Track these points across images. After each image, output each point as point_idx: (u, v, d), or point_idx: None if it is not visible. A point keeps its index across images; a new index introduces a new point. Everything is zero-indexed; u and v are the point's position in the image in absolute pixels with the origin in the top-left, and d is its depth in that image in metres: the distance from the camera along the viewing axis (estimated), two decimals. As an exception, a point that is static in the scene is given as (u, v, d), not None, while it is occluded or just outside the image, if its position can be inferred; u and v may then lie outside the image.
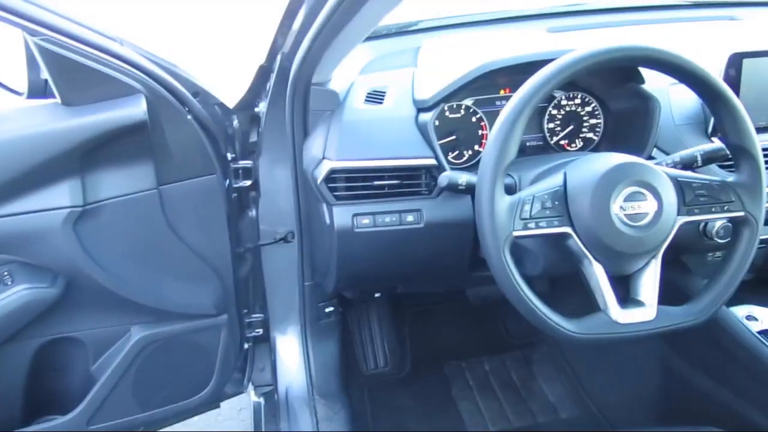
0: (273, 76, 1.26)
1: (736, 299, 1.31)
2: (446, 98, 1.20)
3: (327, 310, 1.55)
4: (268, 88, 1.31)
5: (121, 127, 1.12)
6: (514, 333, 2.01)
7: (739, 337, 1.26)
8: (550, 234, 0.96)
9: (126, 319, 1.33)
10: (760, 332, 1.25)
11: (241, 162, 1.40)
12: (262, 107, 1.36)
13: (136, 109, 1.11)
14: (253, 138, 1.43)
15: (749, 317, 1.30)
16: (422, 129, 1.19)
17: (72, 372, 1.35)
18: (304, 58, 1.10)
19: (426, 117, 1.19)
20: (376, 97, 1.25)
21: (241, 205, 1.46)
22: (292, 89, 1.19)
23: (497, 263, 0.93)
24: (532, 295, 0.95)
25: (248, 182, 1.41)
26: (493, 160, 0.93)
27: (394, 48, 1.44)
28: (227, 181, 1.37)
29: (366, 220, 1.18)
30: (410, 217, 1.18)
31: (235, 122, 1.41)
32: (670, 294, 1.08)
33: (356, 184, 1.17)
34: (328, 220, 1.19)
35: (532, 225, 0.94)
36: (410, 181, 1.18)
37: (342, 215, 1.18)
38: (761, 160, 1.00)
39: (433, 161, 1.17)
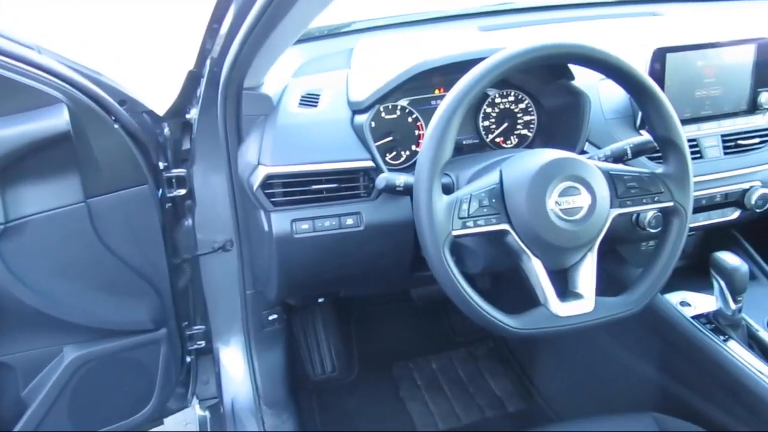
0: (203, 82, 1.23)
1: (670, 286, 1.35)
2: (381, 99, 1.20)
3: (270, 318, 1.52)
4: (198, 94, 1.28)
5: (42, 139, 1.07)
6: (459, 330, 2.03)
7: (674, 322, 1.30)
8: (489, 231, 0.96)
9: (58, 340, 1.27)
10: (693, 317, 1.29)
11: (174, 170, 1.36)
12: (193, 114, 1.32)
13: (57, 120, 1.07)
14: (186, 145, 1.39)
15: (683, 303, 1.34)
16: (358, 131, 1.18)
17: (1, 398, 1.29)
18: (234, 62, 1.07)
19: (361, 119, 1.19)
20: (310, 100, 1.23)
21: (176, 215, 1.42)
22: (223, 94, 1.16)
23: (437, 263, 0.93)
24: (474, 293, 0.95)
25: (183, 191, 1.37)
26: (429, 161, 0.92)
27: (327, 50, 1.43)
28: (160, 191, 1.33)
29: (305, 226, 1.16)
30: (350, 221, 1.17)
31: (166, 130, 1.37)
32: (607, 284, 1.10)
33: (293, 189, 1.15)
34: (266, 227, 1.17)
35: (470, 224, 0.94)
36: (348, 184, 1.17)
37: (280, 221, 1.15)
38: (687, 151, 1.04)
39: (370, 163, 1.16)
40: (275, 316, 1.52)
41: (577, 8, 1.69)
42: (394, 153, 1.28)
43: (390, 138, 1.27)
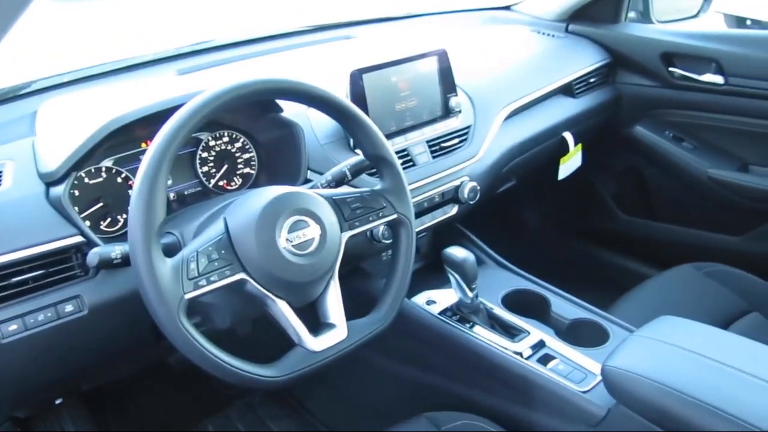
0: None
1: (415, 289, 1.43)
2: (78, 165, 1.07)
3: (0, 437, 1.28)
4: None
5: None
6: (229, 384, 1.92)
7: (424, 322, 1.37)
8: (225, 285, 0.91)
9: None
10: (440, 313, 1.38)
11: None
12: None
13: None
14: None
15: (429, 302, 1.41)
16: (56, 205, 1.03)
17: None
18: None
19: (58, 190, 1.04)
20: None
21: None
22: None
23: (174, 332, 0.86)
24: (223, 354, 0.89)
25: None
26: (141, 226, 0.84)
27: (3, 118, 1.24)
28: None
29: (13, 326, 0.98)
30: (69, 307, 1.02)
31: None
32: (360, 302, 1.11)
33: (-11, 287, 0.97)
34: (-40, 339, 0.97)
35: (203, 282, 0.88)
36: (59, 267, 1.01)
37: (-23, 329, 0.96)
38: (398, 164, 1.09)
39: (79, 238, 1.02)
40: (5, 433, 1.29)
41: (274, 40, 1.70)
42: (109, 220, 1.15)
43: (100, 204, 1.14)
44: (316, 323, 1.01)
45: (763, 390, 0.95)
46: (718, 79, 1.84)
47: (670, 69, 1.92)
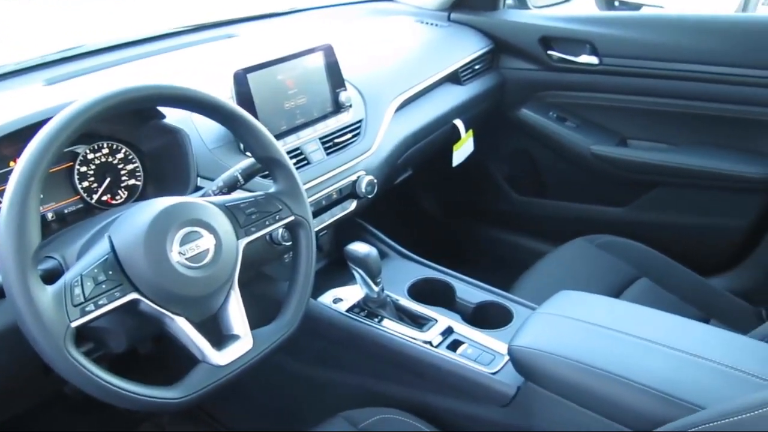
0: None
1: (320, 288, 1.41)
2: None
3: None
4: None
5: None
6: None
7: (333, 321, 1.35)
8: (117, 307, 0.85)
9: None
10: (347, 310, 1.36)
11: None
12: None
13: None
14: None
15: (335, 300, 1.40)
16: None
17: None
18: None
19: None
20: None
21: None
22: None
23: (63, 365, 0.79)
24: (120, 381, 0.84)
25: None
26: (12, 254, 0.77)
27: None
28: None
29: None
30: None
31: None
32: (266, 308, 1.08)
33: None
34: None
35: (90, 307, 0.82)
36: None
37: None
38: (290, 164, 1.06)
39: None
40: None
41: (151, 42, 1.62)
42: (-21, 248, 1.06)
43: None
44: (220, 336, 0.97)
45: (660, 354, 1.00)
46: (593, 59, 1.93)
47: (549, 52, 2.00)
